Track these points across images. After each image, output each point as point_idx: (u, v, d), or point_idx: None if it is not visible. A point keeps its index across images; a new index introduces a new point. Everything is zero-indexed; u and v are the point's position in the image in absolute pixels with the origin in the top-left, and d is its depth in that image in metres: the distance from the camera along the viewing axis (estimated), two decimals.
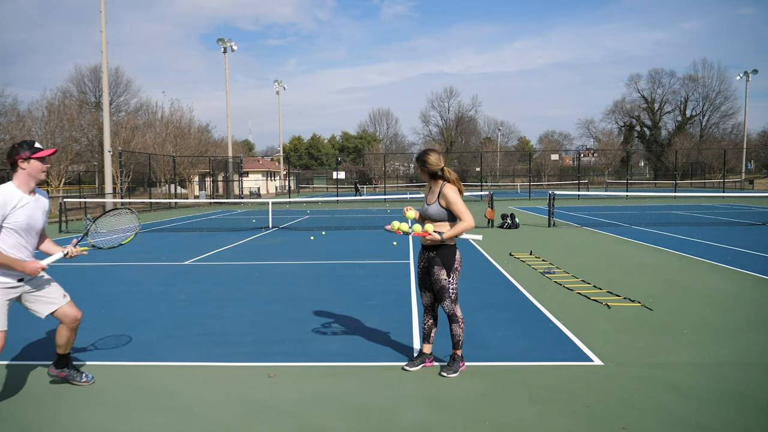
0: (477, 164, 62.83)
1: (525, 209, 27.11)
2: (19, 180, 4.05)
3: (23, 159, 4.02)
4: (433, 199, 4.71)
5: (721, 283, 8.39)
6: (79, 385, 4.51)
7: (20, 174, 4.04)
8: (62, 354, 4.47)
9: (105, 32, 28.30)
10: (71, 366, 4.55)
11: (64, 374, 4.52)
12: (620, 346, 5.42)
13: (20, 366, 5.06)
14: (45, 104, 33.89)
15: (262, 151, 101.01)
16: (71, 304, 4.36)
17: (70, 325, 4.34)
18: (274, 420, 3.94)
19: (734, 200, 31.44)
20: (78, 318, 4.37)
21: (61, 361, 4.50)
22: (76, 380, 4.52)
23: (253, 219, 22.63)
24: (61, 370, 4.51)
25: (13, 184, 4.05)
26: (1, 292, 3.97)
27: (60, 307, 4.28)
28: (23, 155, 4.01)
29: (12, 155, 4.03)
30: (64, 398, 4.34)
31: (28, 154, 4.02)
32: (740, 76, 57.44)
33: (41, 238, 4.30)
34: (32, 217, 4.07)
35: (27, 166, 4.03)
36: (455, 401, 4.20)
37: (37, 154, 4.04)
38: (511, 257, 11.10)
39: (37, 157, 4.05)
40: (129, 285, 8.89)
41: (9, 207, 3.93)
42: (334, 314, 6.78)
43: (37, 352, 5.45)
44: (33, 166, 4.04)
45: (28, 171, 4.04)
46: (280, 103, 74.49)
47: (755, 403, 4.10)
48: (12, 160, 4.03)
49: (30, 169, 4.04)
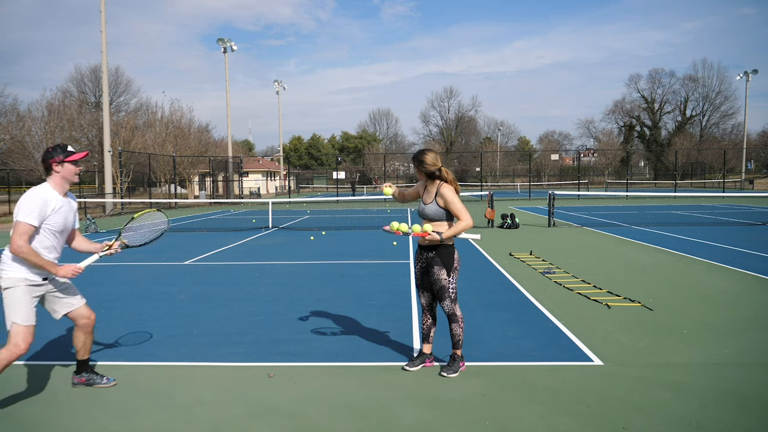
0: (477, 164, 62.83)
1: (525, 209, 27.12)
2: (54, 182, 4.15)
3: (57, 162, 4.12)
4: (430, 198, 4.71)
5: (721, 283, 8.39)
6: (102, 387, 4.52)
7: (55, 177, 4.15)
8: (81, 360, 4.50)
9: (105, 32, 28.30)
10: (90, 370, 4.57)
11: (84, 380, 4.54)
12: (620, 346, 5.42)
13: (20, 367, 5.06)
14: (45, 104, 33.92)
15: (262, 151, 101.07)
16: (86, 306, 4.43)
17: (84, 327, 4.39)
18: (274, 420, 3.94)
19: (734, 200, 31.45)
20: (92, 318, 4.43)
21: (81, 366, 4.53)
22: (97, 383, 4.54)
23: (253, 219, 22.63)
24: (80, 376, 4.54)
25: (49, 185, 4.14)
26: (26, 289, 4.04)
27: (76, 308, 4.35)
28: (57, 159, 4.12)
29: (46, 159, 4.14)
30: (64, 399, 4.34)
31: (62, 157, 4.12)
32: (740, 76, 57.47)
33: (72, 236, 4.42)
34: (67, 219, 4.21)
35: (61, 169, 4.13)
36: (455, 401, 4.20)
37: (70, 158, 4.15)
38: (511, 257, 11.10)
39: (71, 161, 4.15)
40: (129, 285, 8.89)
41: (49, 208, 4.05)
42: (334, 314, 6.78)
43: (37, 352, 5.45)
44: (67, 169, 4.15)
45: (62, 174, 4.15)
46: (280, 103, 74.43)
47: (755, 403, 4.10)
48: (47, 163, 4.13)
49: (64, 172, 4.15)
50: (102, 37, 28.30)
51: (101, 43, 28.37)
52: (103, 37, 28.36)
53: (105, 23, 28.22)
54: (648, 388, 4.38)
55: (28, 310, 4.04)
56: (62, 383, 4.62)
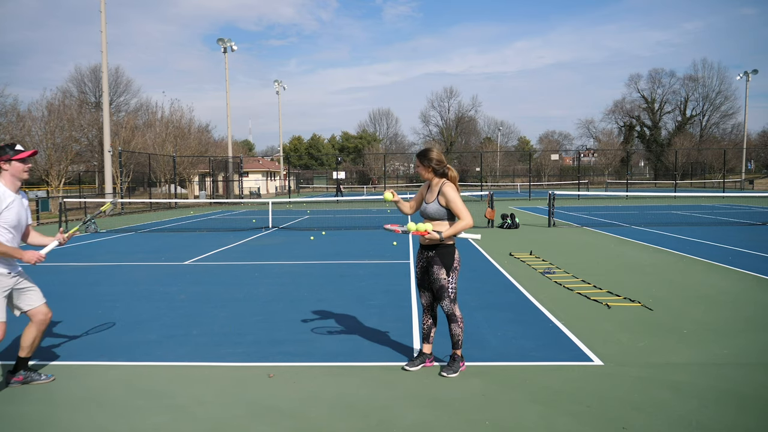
0: (477, 164, 62.83)
1: (525, 209, 27.11)
2: (5, 180, 4.32)
3: (5, 161, 4.28)
4: (432, 197, 4.71)
5: (721, 283, 8.39)
6: (40, 383, 4.55)
7: (5, 175, 4.31)
8: (23, 357, 4.52)
9: (105, 32, 28.30)
10: (28, 368, 4.60)
11: (21, 378, 4.54)
12: (620, 346, 5.42)
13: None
14: (45, 104, 33.89)
15: (262, 151, 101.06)
16: (45, 304, 4.53)
17: (40, 324, 4.47)
18: (274, 420, 3.94)
19: (734, 200, 31.44)
20: (49, 317, 4.52)
21: (21, 364, 4.54)
22: (35, 380, 4.56)
23: (253, 219, 22.62)
24: (17, 375, 4.53)
25: (1, 183, 4.30)
26: None
27: (38, 306, 4.45)
28: (5, 157, 4.28)
29: None
30: (63, 398, 4.34)
31: (9, 155, 4.28)
32: (740, 76, 57.44)
33: (27, 232, 4.59)
34: (20, 214, 4.36)
35: (9, 167, 4.29)
36: (455, 401, 4.20)
37: (17, 156, 4.30)
38: (511, 257, 11.10)
39: (18, 159, 4.30)
40: (129, 285, 8.89)
41: (2, 205, 4.23)
42: (334, 314, 6.78)
43: (37, 352, 5.44)
44: (14, 167, 4.30)
45: (11, 172, 4.31)
46: (280, 103, 74.47)
47: (755, 403, 4.10)
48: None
49: (12, 170, 4.30)
50: (102, 37, 28.31)
51: (101, 43, 28.38)
52: (103, 37, 28.36)
53: (105, 23, 28.23)
54: (648, 388, 4.38)
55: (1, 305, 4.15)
56: (62, 383, 4.62)
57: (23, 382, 4.53)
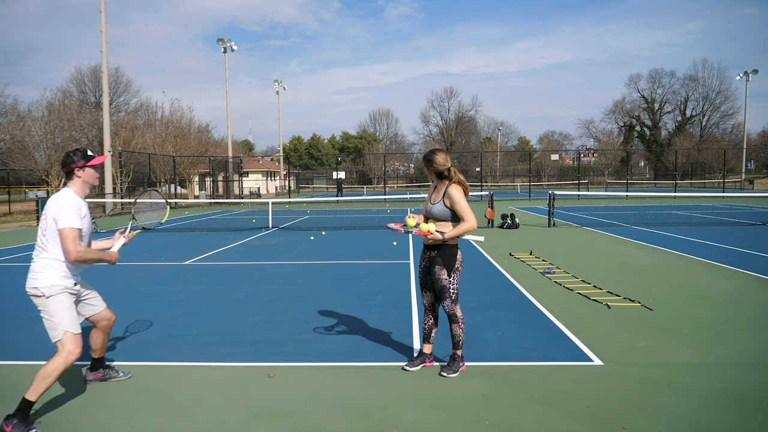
0: (477, 164, 62.81)
1: (525, 209, 27.11)
2: (77, 187, 4.14)
3: (79, 167, 4.11)
4: (437, 198, 4.73)
5: (721, 283, 8.38)
6: (119, 380, 4.64)
7: (77, 182, 4.13)
8: (97, 358, 4.59)
9: (105, 32, 28.31)
10: (106, 366, 4.68)
11: (100, 375, 4.63)
12: (620, 346, 5.42)
13: (21, 366, 5.07)
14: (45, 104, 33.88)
15: (262, 151, 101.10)
16: (108, 308, 4.53)
17: (105, 329, 4.49)
18: (274, 420, 3.94)
19: (734, 200, 31.44)
20: (112, 320, 4.53)
21: (97, 363, 4.62)
22: (114, 378, 4.65)
23: (253, 219, 22.63)
24: (96, 372, 4.63)
25: (71, 191, 4.12)
26: (68, 295, 4.07)
27: (100, 311, 4.44)
28: (79, 164, 4.10)
29: (68, 164, 4.11)
30: (64, 398, 4.34)
31: (83, 162, 4.12)
32: (740, 76, 57.42)
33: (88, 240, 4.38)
34: (89, 222, 4.23)
35: (83, 174, 4.13)
36: (455, 401, 4.20)
37: (91, 162, 4.15)
38: (511, 257, 11.10)
39: (92, 165, 4.16)
40: (129, 285, 8.89)
41: (82, 213, 4.07)
42: (334, 314, 6.78)
43: (38, 352, 5.44)
44: (88, 173, 4.15)
45: (84, 179, 4.14)
46: (280, 103, 74.35)
47: (755, 403, 4.10)
48: (68, 168, 4.11)
49: (86, 177, 4.14)
50: (102, 37, 28.31)
51: (101, 43, 28.38)
52: (103, 37, 28.36)
53: (105, 23, 28.22)
54: (648, 388, 4.38)
55: (74, 316, 4.07)
56: (62, 383, 4.62)
57: (102, 379, 4.63)
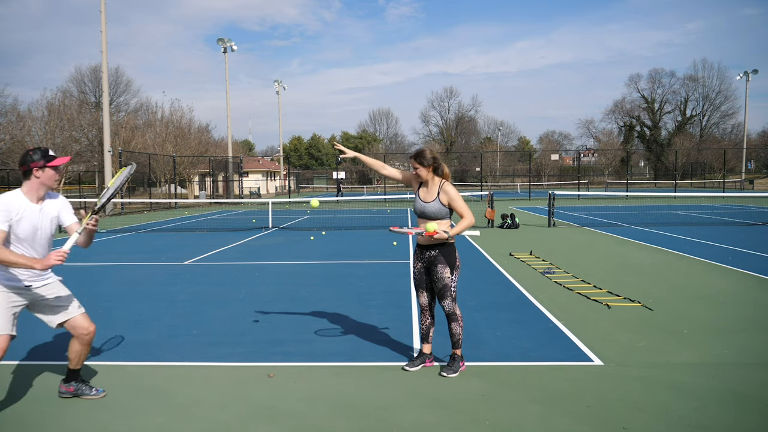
0: (477, 164, 62.80)
1: (525, 209, 27.11)
2: (29, 187, 3.90)
3: (39, 167, 3.87)
4: (431, 196, 4.68)
5: (721, 283, 8.38)
6: (90, 398, 4.28)
7: (33, 182, 3.89)
8: (72, 369, 4.28)
9: (105, 32, 28.31)
10: (80, 380, 4.35)
11: (72, 389, 4.32)
12: (620, 346, 5.42)
13: (21, 366, 5.06)
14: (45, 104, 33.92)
15: (262, 151, 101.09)
16: (85, 316, 4.17)
17: (82, 338, 4.14)
18: (274, 420, 3.94)
19: (734, 200, 31.44)
20: (91, 331, 4.17)
21: (71, 375, 4.31)
22: (86, 394, 4.32)
23: (253, 219, 22.62)
24: (69, 385, 4.32)
25: (20, 191, 3.92)
26: (3, 294, 3.82)
27: (72, 318, 4.10)
28: (38, 163, 3.86)
29: (26, 162, 3.87)
30: (64, 399, 4.33)
31: (43, 162, 3.87)
32: (740, 76, 57.43)
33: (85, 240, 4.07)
34: (37, 226, 3.90)
35: (41, 174, 3.89)
36: (455, 401, 4.20)
37: (51, 163, 3.91)
38: (511, 257, 11.10)
39: (52, 166, 3.91)
40: (129, 285, 8.89)
41: (12, 215, 3.77)
42: (334, 314, 6.78)
43: (38, 352, 5.45)
44: (47, 174, 3.90)
45: (42, 180, 3.90)
46: (280, 103, 74.41)
47: (755, 403, 4.10)
48: (26, 167, 3.87)
49: (44, 178, 3.90)
50: (102, 37, 28.31)
51: (101, 43, 28.38)
52: (103, 38, 28.37)
53: (105, 23, 28.23)
54: (648, 388, 4.38)
55: (4, 317, 3.79)
56: (71, 397, 4.61)
57: (74, 394, 4.29)
